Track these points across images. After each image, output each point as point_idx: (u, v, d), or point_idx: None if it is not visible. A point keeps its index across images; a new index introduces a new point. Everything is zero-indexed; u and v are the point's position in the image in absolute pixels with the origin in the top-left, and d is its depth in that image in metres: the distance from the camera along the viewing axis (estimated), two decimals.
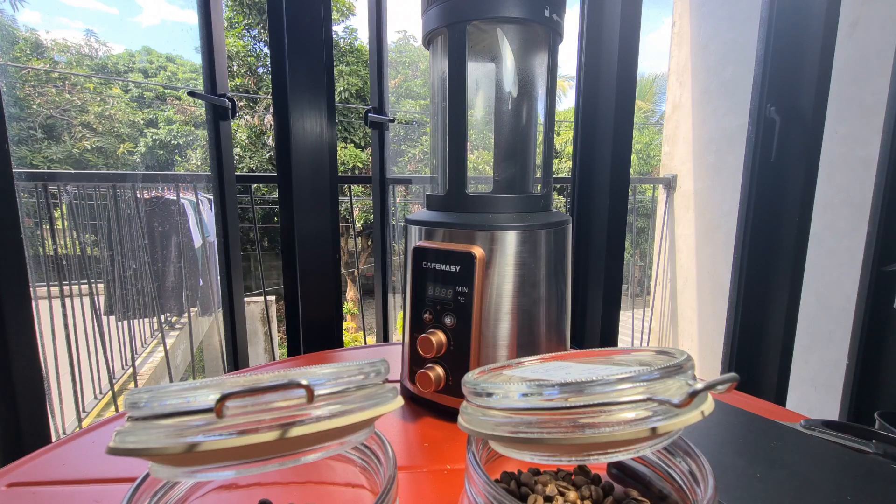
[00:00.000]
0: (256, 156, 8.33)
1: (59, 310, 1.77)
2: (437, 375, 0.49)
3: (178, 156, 9.22)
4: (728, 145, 2.25)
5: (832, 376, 1.61)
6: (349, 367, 0.25)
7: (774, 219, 1.04)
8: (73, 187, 2.21)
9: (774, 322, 1.05)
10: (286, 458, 0.24)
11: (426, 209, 0.57)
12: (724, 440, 0.42)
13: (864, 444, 0.42)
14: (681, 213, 2.60)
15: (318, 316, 1.01)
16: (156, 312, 2.75)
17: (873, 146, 0.98)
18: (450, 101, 0.50)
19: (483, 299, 0.49)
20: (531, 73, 0.57)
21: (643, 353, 0.33)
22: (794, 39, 0.98)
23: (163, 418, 0.22)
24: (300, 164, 0.96)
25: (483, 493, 0.26)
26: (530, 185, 0.60)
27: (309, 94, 0.95)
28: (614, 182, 1.09)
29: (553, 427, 0.23)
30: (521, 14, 0.48)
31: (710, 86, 2.39)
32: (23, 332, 0.78)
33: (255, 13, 8.36)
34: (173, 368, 2.68)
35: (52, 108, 9.17)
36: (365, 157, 8.30)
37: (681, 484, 0.29)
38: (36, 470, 0.44)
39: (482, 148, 0.64)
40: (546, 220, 0.51)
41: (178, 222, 2.88)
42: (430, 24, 0.51)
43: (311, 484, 0.34)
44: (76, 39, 12.08)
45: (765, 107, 1.02)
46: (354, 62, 8.62)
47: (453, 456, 0.46)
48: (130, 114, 9.55)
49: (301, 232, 0.98)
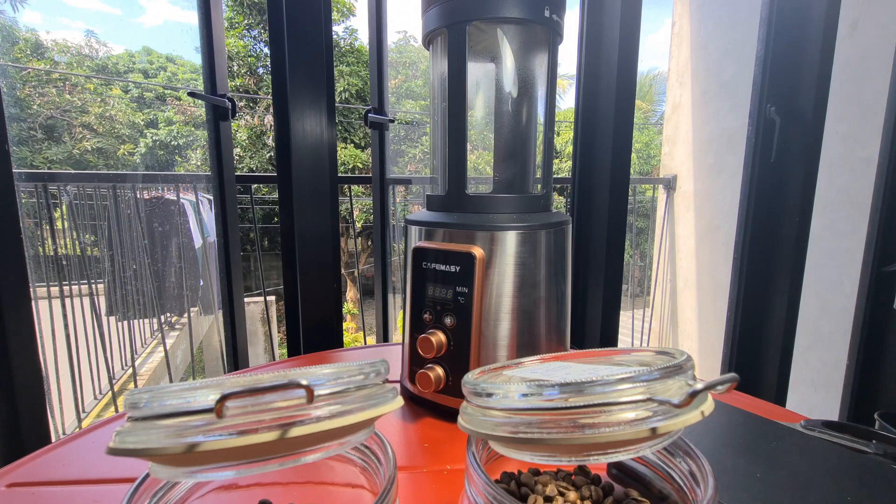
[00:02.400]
0: (256, 156, 8.34)
1: (59, 310, 1.77)
2: (436, 376, 0.49)
3: (178, 156, 9.22)
4: (728, 146, 2.25)
5: (832, 376, 1.61)
6: (349, 367, 0.25)
7: (774, 219, 1.04)
8: (74, 187, 2.22)
9: (774, 322, 1.05)
10: (286, 458, 0.24)
11: (426, 209, 0.57)
12: (724, 440, 0.42)
13: (864, 445, 0.42)
14: (681, 214, 2.60)
15: (318, 316, 1.01)
16: (156, 313, 2.75)
17: (873, 146, 0.98)
18: (450, 101, 0.50)
19: (483, 299, 0.49)
20: (531, 74, 0.57)
21: (643, 353, 0.33)
22: (794, 40, 0.99)
23: (163, 418, 0.22)
24: (300, 164, 0.96)
25: (483, 494, 0.26)
26: (530, 185, 0.60)
27: (309, 95, 0.95)
28: (614, 182, 1.09)
29: (553, 427, 0.23)
30: (521, 14, 0.48)
31: (710, 86, 2.39)
32: (23, 333, 0.78)
33: (256, 13, 8.37)
34: (173, 369, 2.68)
35: (53, 109, 9.17)
36: (365, 158, 8.30)
37: (681, 484, 0.29)
38: (36, 470, 0.44)
39: (482, 148, 0.64)
40: (546, 221, 0.51)
41: (178, 222, 2.88)
42: (430, 24, 0.51)
43: (311, 484, 0.34)
44: (76, 40, 12.09)
45: (765, 107, 1.02)
46: (355, 62, 8.63)
47: (453, 456, 0.46)
48: (131, 114, 9.54)
49: (301, 232, 0.98)
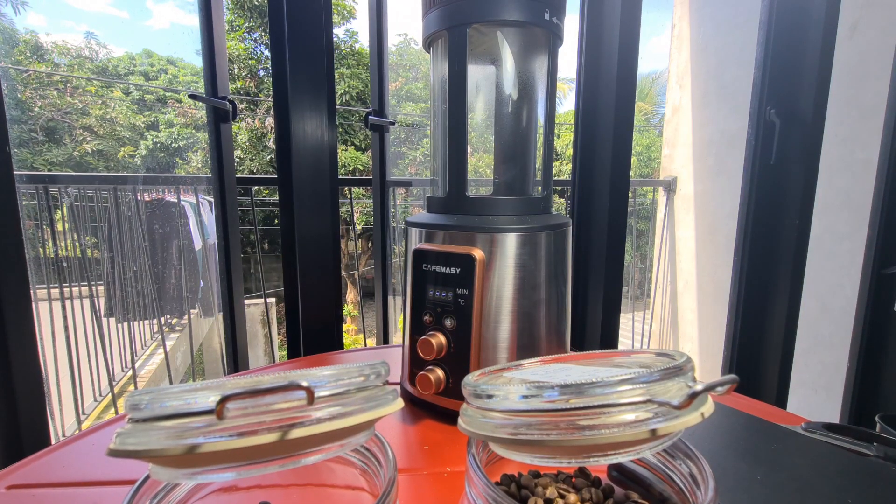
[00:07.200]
0: (257, 158, 8.35)
1: (60, 312, 1.77)
2: (437, 377, 0.49)
3: (178, 158, 9.23)
4: (728, 148, 2.25)
5: (833, 379, 1.60)
6: (349, 368, 0.25)
7: (775, 221, 1.04)
8: (74, 189, 2.22)
9: (775, 324, 1.05)
10: (286, 459, 0.24)
11: (426, 211, 0.57)
12: (724, 443, 0.42)
13: (865, 447, 0.42)
14: (681, 216, 2.60)
15: (318, 318, 1.01)
16: (156, 314, 2.74)
17: (873, 149, 0.98)
18: (450, 103, 0.50)
19: (483, 301, 0.49)
20: (531, 76, 0.57)
21: (643, 354, 0.33)
22: (794, 42, 0.99)
23: (163, 420, 0.22)
24: (301, 166, 0.97)
25: (483, 496, 0.26)
26: (530, 187, 0.60)
27: (309, 97, 0.95)
28: (614, 184, 1.09)
29: (553, 429, 0.23)
30: (522, 17, 0.48)
31: (710, 88, 2.40)
32: (23, 334, 0.78)
33: (256, 16, 8.39)
34: (173, 371, 2.67)
35: (54, 111, 9.19)
36: (365, 160, 8.31)
37: (681, 486, 0.29)
38: (36, 472, 0.44)
39: (482, 150, 0.64)
40: (546, 223, 0.51)
41: (178, 224, 2.87)
42: (431, 27, 0.51)
43: (311, 486, 0.34)
44: (76, 42, 12.11)
45: (764, 109, 1.02)
46: (355, 65, 8.65)
47: (453, 458, 0.46)
48: (131, 116, 9.56)
49: (301, 234, 0.98)
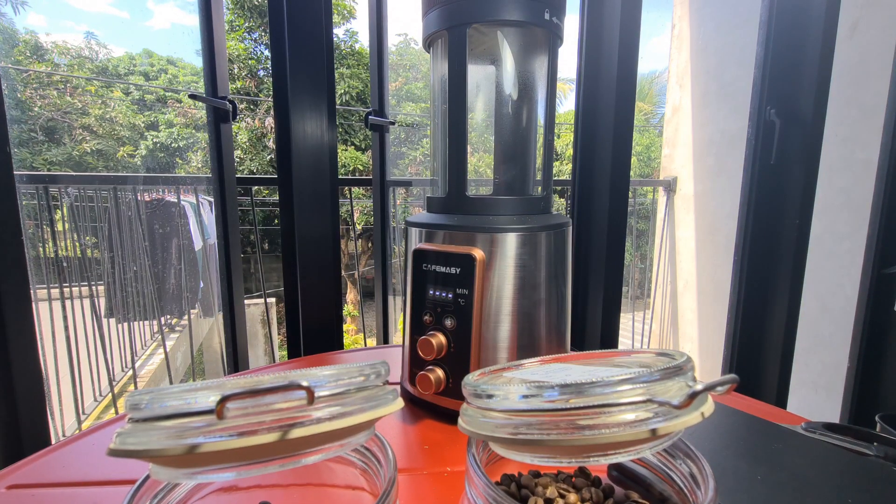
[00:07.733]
0: (257, 158, 8.35)
1: (60, 312, 1.77)
2: (437, 377, 0.49)
3: (178, 158, 9.23)
4: (728, 148, 2.25)
5: (833, 378, 1.60)
6: (349, 368, 0.25)
7: (775, 221, 1.04)
8: (74, 189, 2.22)
9: (775, 324, 1.05)
10: (287, 459, 0.24)
11: (426, 211, 0.57)
12: (724, 442, 0.42)
13: (865, 447, 0.42)
14: (681, 216, 2.60)
15: (318, 318, 1.01)
16: (156, 315, 2.74)
17: (873, 148, 0.98)
18: (450, 103, 0.50)
19: (483, 301, 0.49)
20: (531, 76, 0.57)
21: (643, 354, 0.33)
22: (794, 42, 0.99)
23: (164, 420, 0.22)
24: (301, 166, 0.97)
25: (483, 496, 0.26)
26: (530, 187, 0.60)
27: (310, 97, 0.95)
28: (614, 184, 1.09)
29: (553, 428, 0.23)
30: (522, 17, 0.48)
31: (710, 88, 2.40)
32: (23, 334, 0.78)
33: (256, 16, 8.39)
34: (173, 371, 2.68)
35: (54, 111, 9.19)
36: (365, 160, 8.31)
37: (681, 486, 0.29)
38: (36, 472, 0.44)
39: (482, 150, 0.64)
40: (546, 223, 0.51)
41: (178, 224, 2.88)
42: (431, 27, 0.51)
43: (311, 486, 0.34)
44: (76, 42, 12.11)
45: (765, 109, 1.02)
46: (355, 65, 8.64)
47: (453, 458, 0.46)
48: (131, 116, 9.55)
49: (301, 234, 0.98)
